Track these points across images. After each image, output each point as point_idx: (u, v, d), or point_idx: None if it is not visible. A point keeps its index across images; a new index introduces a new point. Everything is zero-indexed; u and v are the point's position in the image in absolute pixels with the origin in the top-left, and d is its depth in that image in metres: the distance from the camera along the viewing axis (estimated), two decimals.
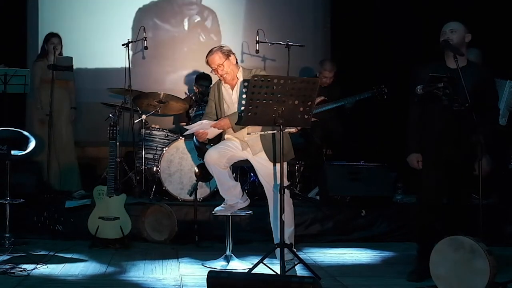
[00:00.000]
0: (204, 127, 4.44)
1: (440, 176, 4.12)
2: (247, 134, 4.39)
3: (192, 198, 5.45)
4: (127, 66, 6.47)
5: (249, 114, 3.86)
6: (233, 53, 4.48)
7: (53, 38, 6.18)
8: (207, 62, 4.48)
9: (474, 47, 5.71)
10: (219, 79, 4.54)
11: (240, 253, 4.72)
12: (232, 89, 4.48)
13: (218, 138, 4.58)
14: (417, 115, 4.19)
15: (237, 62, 4.50)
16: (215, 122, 4.44)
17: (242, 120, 3.93)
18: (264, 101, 3.83)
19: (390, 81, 6.02)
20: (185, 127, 4.69)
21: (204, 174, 4.98)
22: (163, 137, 6.24)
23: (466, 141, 4.01)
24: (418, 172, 4.19)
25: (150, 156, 6.18)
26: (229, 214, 4.56)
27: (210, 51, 4.47)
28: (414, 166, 4.20)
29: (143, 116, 6.15)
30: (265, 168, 4.42)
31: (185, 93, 7.38)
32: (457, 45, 4.04)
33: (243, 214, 4.80)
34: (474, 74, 3.96)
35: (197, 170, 5.28)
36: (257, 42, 6.43)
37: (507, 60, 6.47)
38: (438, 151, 4.10)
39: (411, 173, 4.31)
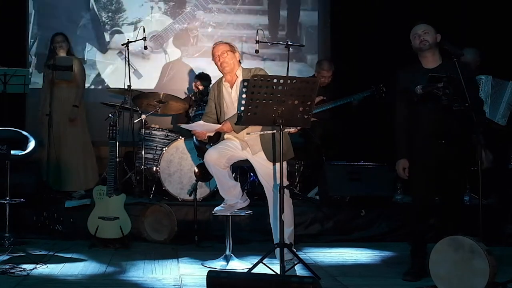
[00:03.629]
0: (202, 128, 4.45)
1: (431, 177, 4.13)
2: (247, 134, 4.39)
3: (192, 198, 5.45)
4: (127, 66, 6.48)
5: (249, 114, 3.86)
6: (239, 52, 4.54)
7: (57, 37, 6.19)
8: (213, 50, 4.50)
9: (473, 47, 5.72)
10: (219, 79, 4.55)
11: (240, 253, 4.72)
12: (231, 87, 4.49)
13: (218, 138, 4.58)
14: (403, 120, 4.21)
15: (239, 61, 4.52)
16: (219, 126, 4.44)
17: (242, 120, 3.93)
18: (264, 101, 3.83)
19: (389, 81, 6.02)
20: (183, 125, 4.70)
21: (203, 174, 4.98)
22: (162, 137, 6.23)
23: (456, 141, 4.03)
24: (410, 173, 4.20)
25: (150, 156, 6.17)
26: (229, 214, 4.56)
27: (218, 42, 4.55)
28: (400, 173, 4.23)
29: (143, 116, 6.15)
30: (264, 168, 4.43)
31: (185, 93, 7.39)
32: (432, 45, 4.10)
33: (243, 214, 4.80)
34: (454, 72, 3.95)
35: (196, 170, 5.28)
36: (257, 42, 6.43)
37: (508, 61, 6.46)
38: (427, 152, 4.10)
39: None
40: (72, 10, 7.78)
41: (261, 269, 3.90)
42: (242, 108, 3.88)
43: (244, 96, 3.84)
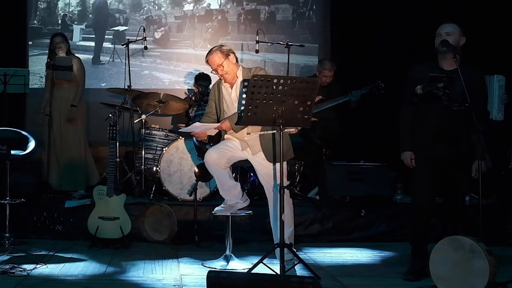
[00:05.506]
0: (201, 129, 4.45)
1: (433, 177, 4.13)
2: (247, 134, 4.39)
3: (192, 198, 5.45)
4: (127, 66, 6.48)
5: (249, 114, 3.86)
6: (233, 52, 4.47)
7: (55, 37, 6.18)
8: (207, 62, 4.48)
9: None
10: (219, 79, 4.54)
11: (240, 253, 4.72)
12: (232, 88, 4.48)
13: (218, 138, 4.58)
14: (410, 114, 4.20)
15: (237, 61, 4.49)
16: (218, 125, 4.44)
17: (242, 120, 3.93)
18: (264, 101, 3.83)
19: (389, 80, 6.03)
20: (182, 129, 4.70)
21: (204, 174, 4.98)
22: (163, 137, 6.23)
23: (460, 140, 4.03)
24: (411, 172, 4.20)
25: (150, 156, 6.17)
26: (229, 214, 4.56)
27: (209, 51, 4.47)
28: (408, 163, 4.21)
29: (143, 116, 6.15)
30: (264, 168, 4.42)
31: (185, 93, 7.39)
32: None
33: (243, 214, 4.80)
34: (467, 75, 3.95)
35: (197, 170, 5.28)
36: (257, 42, 6.43)
37: (491, 56, 6.48)
38: (431, 151, 4.10)
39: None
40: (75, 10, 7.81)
41: (261, 269, 3.90)
42: (242, 108, 3.88)
43: (244, 96, 3.84)
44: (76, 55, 6.45)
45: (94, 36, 7.91)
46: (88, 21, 7.93)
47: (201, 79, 6.69)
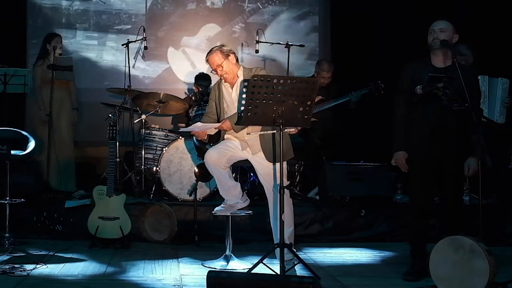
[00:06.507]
0: (202, 129, 4.45)
1: (432, 177, 4.12)
2: (247, 134, 4.39)
3: (192, 198, 5.45)
4: (127, 66, 6.48)
5: (249, 114, 3.86)
6: (233, 52, 4.48)
7: (56, 37, 6.20)
8: (207, 61, 4.49)
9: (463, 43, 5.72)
10: (220, 79, 4.55)
11: (240, 253, 4.72)
12: (232, 87, 4.48)
13: (218, 138, 4.58)
14: (403, 113, 4.18)
15: (237, 61, 4.49)
16: (218, 124, 4.44)
17: (242, 120, 3.93)
18: (264, 101, 3.83)
19: (389, 80, 6.02)
20: (182, 129, 4.70)
21: (204, 174, 4.98)
22: (163, 137, 6.23)
23: (458, 140, 4.02)
24: (410, 173, 4.19)
25: (150, 156, 6.17)
26: (229, 214, 4.56)
27: (210, 51, 4.48)
28: (401, 163, 4.19)
29: (143, 116, 6.15)
30: (264, 168, 4.42)
31: (185, 93, 7.39)
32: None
33: (243, 214, 4.80)
34: (463, 73, 3.93)
35: (197, 170, 5.28)
36: (257, 42, 6.44)
37: (495, 59, 6.47)
38: (430, 151, 4.09)
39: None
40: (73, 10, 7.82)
41: (261, 269, 3.90)
42: (242, 108, 3.88)
43: (244, 96, 3.84)
44: (80, 54, 6.47)
45: (97, 35, 7.91)
46: (91, 21, 7.93)
47: (201, 79, 6.70)
